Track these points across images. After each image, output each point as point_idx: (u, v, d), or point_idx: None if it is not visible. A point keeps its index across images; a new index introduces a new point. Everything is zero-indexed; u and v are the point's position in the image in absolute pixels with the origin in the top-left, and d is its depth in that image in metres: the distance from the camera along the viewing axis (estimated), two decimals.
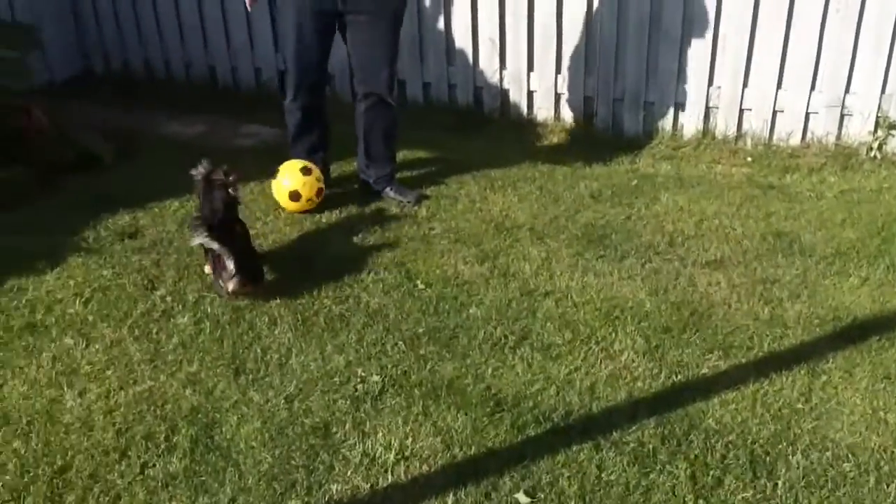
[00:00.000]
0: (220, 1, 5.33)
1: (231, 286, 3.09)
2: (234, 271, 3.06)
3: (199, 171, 3.25)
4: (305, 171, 3.83)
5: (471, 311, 3.15)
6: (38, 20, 5.25)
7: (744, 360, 2.89)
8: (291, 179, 3.82)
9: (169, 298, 3.20)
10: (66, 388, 2.71)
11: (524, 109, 5.04)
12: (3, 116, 4.33)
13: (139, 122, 5.00)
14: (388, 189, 4.05)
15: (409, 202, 3.98)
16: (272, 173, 3.91)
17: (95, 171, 4.31)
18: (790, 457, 2.46)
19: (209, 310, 3.12)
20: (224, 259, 3.06)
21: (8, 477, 2.36)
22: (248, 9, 3.86)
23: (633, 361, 2.88)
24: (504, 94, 5.06)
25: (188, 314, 3.10)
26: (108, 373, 2.79)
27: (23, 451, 2.45)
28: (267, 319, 3.07)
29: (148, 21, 5.53)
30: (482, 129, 4.91)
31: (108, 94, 5.41)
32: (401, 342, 2.96)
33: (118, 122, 4.93)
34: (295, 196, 3.82)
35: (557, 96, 4.98)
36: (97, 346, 2.92)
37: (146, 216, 3.83)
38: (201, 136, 4.87)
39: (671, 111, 4.81)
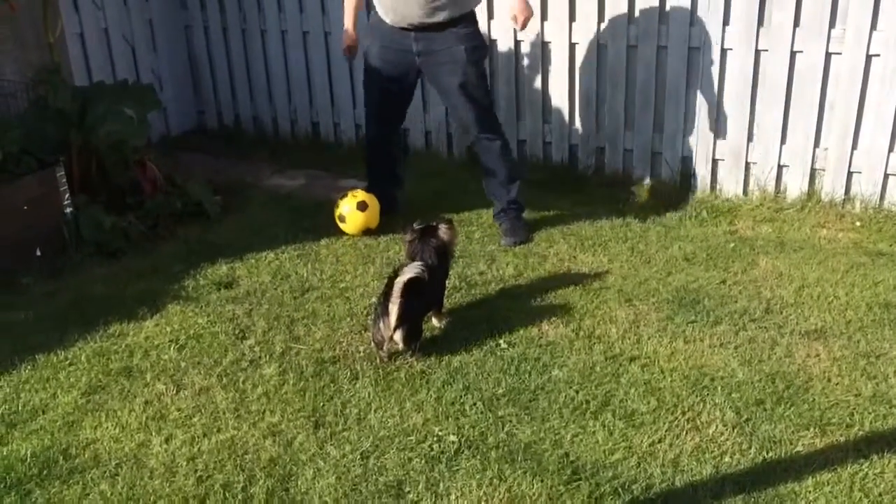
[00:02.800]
0: (326, 62, 5.55)
1: (389, 335, 3.11)
2: (394, 324, 3.06)
3: (416, 227, 3.40)
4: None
5: (553, 373, 3.10)
6: (160, 80, 5.62)
7: (842, 439, 2.72)
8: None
9: (257, 348, 3.28)
10: (154, 433, 2.81)
11: (619, 168, 4.98)
12: (122, 169, 4.61)
13: (245, 175, 5.22)
14: (499, 225, 4.29)
15: (503, 243, 4.16)
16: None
17: (201, 221, 4.52)
18: None
19: (294, 361, 3.19)
20: (391, 306, 3.06)
21: None
22: (346, 55, 4.39)
23: (722, 434, 2.75)
24: (599, 152, 5.02)
25: (274, 364, 3.17)
26: (195, 419, 2.88)
27: (109, 494, 2.53)
28: (349, 373, 3.11)
29: (259, 80, 5.81)
30: (576, 187, 4.87)
31: (219, 148, 5.68)
32: (479, 402, 2.93)
33: (226, 174, 5.17)
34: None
35: (654, 155, 4.90)
36: (186, 393, 3.02)
37: (243, 267, 3.97)
38: (301, 188, 5.04)
39: (774, 172, 4.65)
